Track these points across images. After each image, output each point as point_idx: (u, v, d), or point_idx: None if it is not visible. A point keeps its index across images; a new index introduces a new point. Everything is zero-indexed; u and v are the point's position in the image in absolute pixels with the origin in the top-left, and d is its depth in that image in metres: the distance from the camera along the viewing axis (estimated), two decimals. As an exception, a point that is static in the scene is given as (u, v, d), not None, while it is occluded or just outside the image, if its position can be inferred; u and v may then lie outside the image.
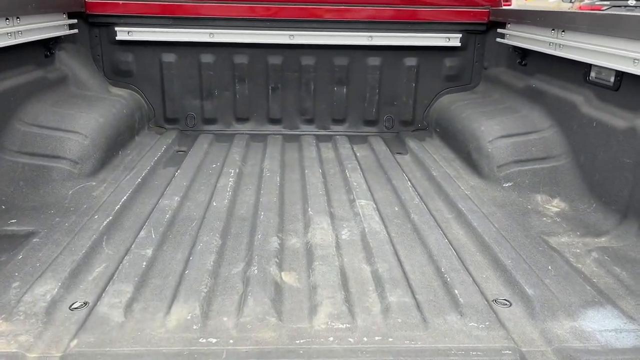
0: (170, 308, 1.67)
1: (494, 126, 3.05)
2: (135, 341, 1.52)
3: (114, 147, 3.06)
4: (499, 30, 3.60)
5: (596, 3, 10.34)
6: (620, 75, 2.43)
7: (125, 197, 2.49)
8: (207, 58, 3.73)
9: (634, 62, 2.24)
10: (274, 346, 1.52)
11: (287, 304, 1.74)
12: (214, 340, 1.53)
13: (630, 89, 2.38)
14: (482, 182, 2.86)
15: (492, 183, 2.83)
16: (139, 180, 2.72)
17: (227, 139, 3.66)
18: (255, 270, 1.89)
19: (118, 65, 3.73)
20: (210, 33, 3.60)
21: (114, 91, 3.64)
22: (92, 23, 3.61)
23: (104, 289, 1.78)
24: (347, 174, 2.97)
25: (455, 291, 1.81)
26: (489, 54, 3.83)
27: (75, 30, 3.40)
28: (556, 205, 2.60)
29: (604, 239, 2.24)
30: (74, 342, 1.51)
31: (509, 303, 1.78)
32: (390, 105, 3.92)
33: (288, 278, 1.91)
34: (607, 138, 2.46)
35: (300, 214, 2.47)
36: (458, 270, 1.95)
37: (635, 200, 2.24)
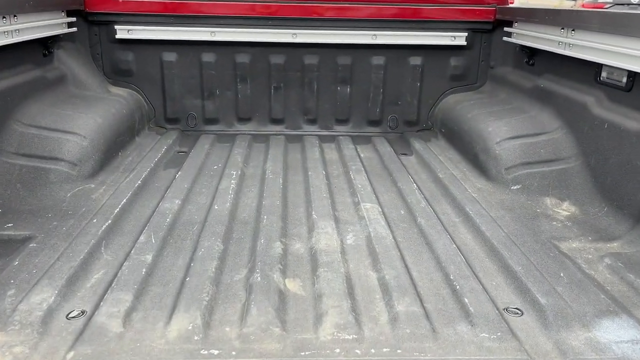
0: (170, 318, 1.62)
1: (502, 127, 2.99)
2: (134, 353, 1.47)
3: (113, 148, 3.00)
4: (505, 29, 3.54)
5: (599, 1, 10.28)
6: (632, 75, 2.38)
7: (124, 200, 2.43)
8: (208, 57, 3.67)
9: None
10: (278, 358, 1.46)
11: (291, 313, 1.68)
12: (216, 352, 1.48)
13: None
14: (490, 185, 2.80)
15: (499, 185, 2.77)
16: (139, 182, 2.66)
17: (229, 139, 3.60)
18: (258, 277, 1.83)
19: (118, 64, 3.67)
20: (212, 32, 3.54)
21: (113, 91, 3.58)
22: (92, 21, 3.56)
23: (102, 297, 1.72)
24: (352, 175, 2.91)
25: (465, 299, 1.75)
26: (495, 53, 3.77)
27: (74, 29, 3.34)
28: (566, 208, 2.54)
29: (616, 244, 2.17)
30: (71, 354, 1.46)
31: (520, 312, 1.72)
32: (395, 105, 3.86)
33: (292, 285, 1.85)
34: (620, 140, 2.40)
35: (304, 218, 2.41)
36: (467, 277, 1.89)
37: (649, 205, 2.19)
